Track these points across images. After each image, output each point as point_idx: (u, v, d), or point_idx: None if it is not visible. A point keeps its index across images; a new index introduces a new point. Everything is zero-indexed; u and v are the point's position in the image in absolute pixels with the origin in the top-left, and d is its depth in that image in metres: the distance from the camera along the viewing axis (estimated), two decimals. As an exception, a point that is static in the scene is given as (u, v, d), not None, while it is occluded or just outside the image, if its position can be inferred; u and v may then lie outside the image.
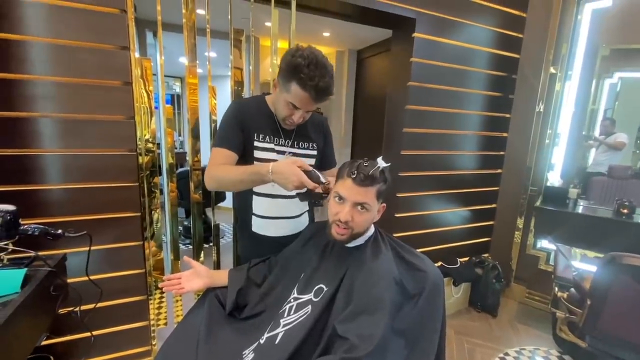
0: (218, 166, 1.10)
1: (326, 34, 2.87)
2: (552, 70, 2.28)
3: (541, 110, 2.35)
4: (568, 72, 2.25)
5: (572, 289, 1.55)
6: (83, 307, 1.29)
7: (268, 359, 0.83)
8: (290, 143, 1.16)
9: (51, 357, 1.44)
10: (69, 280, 1.35)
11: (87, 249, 1.20)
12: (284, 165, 0.96)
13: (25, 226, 1.05)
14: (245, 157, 1.14)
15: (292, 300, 0.95)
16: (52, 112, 1.34)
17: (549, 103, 2.33)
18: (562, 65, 2.25)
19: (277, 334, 0.89)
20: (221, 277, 1.13)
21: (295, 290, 0.97)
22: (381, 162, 0.89)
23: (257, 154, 1.13)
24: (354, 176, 0.87)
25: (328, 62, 1.02)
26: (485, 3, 2.23)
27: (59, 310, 1.14)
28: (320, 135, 1.24)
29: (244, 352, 0.92)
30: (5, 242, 1.00)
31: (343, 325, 0.78)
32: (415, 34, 2.03)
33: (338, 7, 1.90)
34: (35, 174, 1.35)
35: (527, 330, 2.25)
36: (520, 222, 2.53)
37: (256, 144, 1.12)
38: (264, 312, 1.03)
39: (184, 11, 1.58)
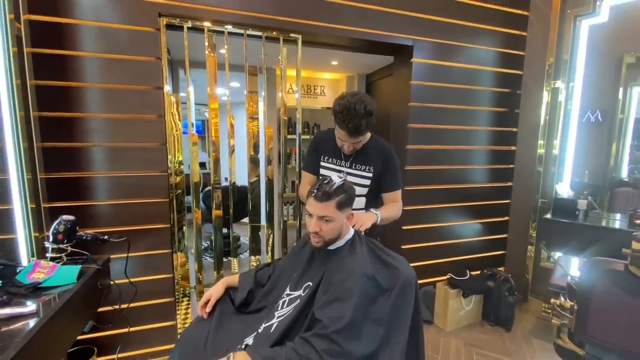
0: (303, 185, 1.64)
1: (334, 63, 3.14)
2: (554, 84, 2.34)
3: (546, 122, 2.40)
4: (570, 83, 2.30)
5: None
6: (122, 306, 1.55)
7: (263, 342, 1.00)
8: (347, 164, 1.49)
9: (95, 349, 1.70)
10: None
11: (128, 254, 1.48)
12: None
13: (81, 233, 1.33)
14: (318, 172, 1.58)
15: (284, 296, 1.13)
16: (102, 142, 1.66)
17: (554, 115, 2.37)
18: (564, 78, 2.30)
19: (272, 324, 1.06)
20: (235, 280, 1.34)
21: (288, 288, 1.15)
22: (335, 179, 1.08)
23: (322, 171, 1.56)
24: (314, 195, 1.08)
25: (361, 106, 1.28)
26: (483, 26, 2.37)
27: (103, 307, 1.39)
28: (379, 161, 1.49)
29: (245, 340, 1.10)
30: (66, 245, 1.27)
31: (319, 310, 0.95)
32: (414, 59, 2.21)
33: (340, 40, 2.13)
34: (89, 192, 1.66)
35: (542, 345, 2.21)
36: (532, 235, 2.52)
37: (322, 163, 1.56)
38: (266, 307, 1.22)
39: (207, 54, 1.89)
